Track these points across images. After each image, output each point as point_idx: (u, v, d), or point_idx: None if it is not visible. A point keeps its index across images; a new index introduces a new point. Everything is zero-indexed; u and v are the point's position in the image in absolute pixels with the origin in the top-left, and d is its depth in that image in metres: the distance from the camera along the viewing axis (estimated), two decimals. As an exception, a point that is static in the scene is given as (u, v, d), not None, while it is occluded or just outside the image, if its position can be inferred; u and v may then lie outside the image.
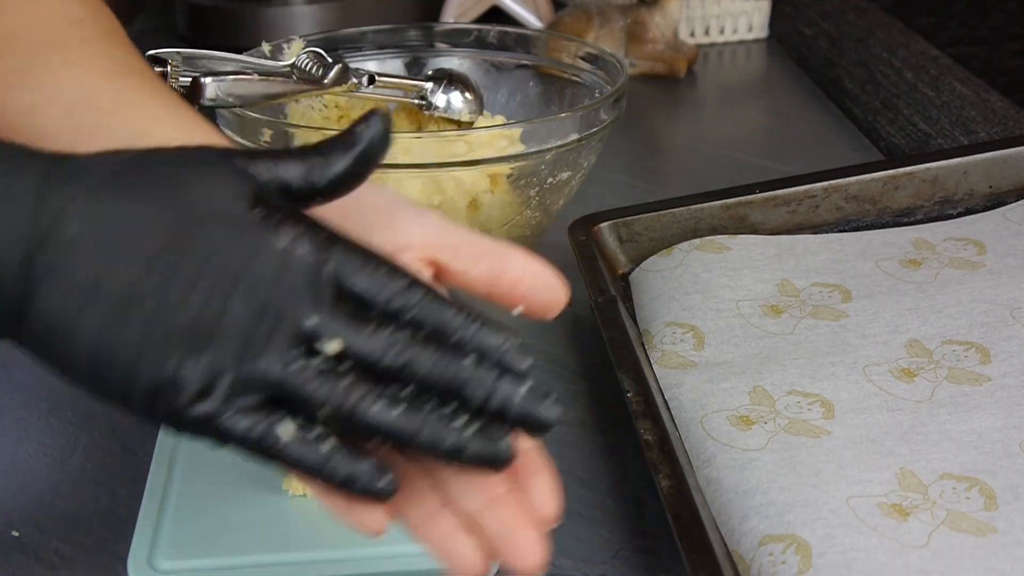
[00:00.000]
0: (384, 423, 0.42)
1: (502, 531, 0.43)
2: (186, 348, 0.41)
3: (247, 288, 0.42)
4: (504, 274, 0.48)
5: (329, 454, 0.42)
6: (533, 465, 0.45)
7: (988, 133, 0.96)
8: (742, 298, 0.70)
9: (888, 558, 0.50)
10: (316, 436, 0.42)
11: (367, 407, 0.42)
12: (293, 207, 0.44)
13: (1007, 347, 0.64)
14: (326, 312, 0.42)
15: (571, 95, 0.87)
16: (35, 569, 0.57)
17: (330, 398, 0.41)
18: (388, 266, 0.44)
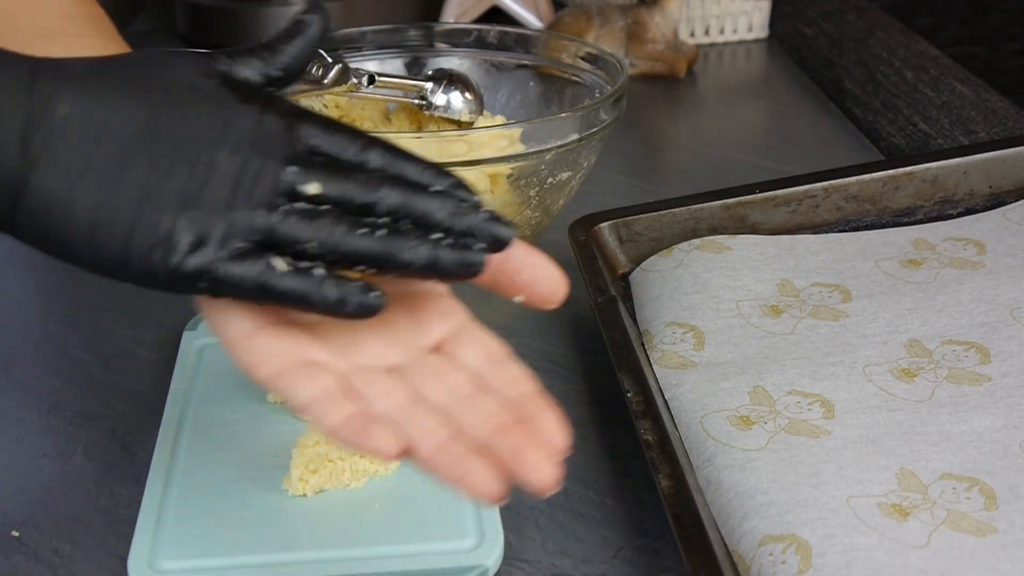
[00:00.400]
0: (367, 247, 0.45)
1: (514, 452, 0.44)
2: (179, 206, 0.45)
3: (228, 148, 0.46)
4: (505, 264, 0.49)
5: (321, 279, 0.45)
6: (536, 404, 0.47)
7: (988, 133, 0.96)
8: (742, 298, 0.70)
9: (888, 558, 0.50)
10: (307, 267, 0.45)
11: (351, 235, 0.45)
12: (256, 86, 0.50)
13: (1007, 347, 0.64)
14: (302, 163, 0.46)
15: (571, 95, 0.87)
16: (35, 569, 0.57)
17: (316, 233, 0.45)
18: (348, 129, 0.48)
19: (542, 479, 0.44)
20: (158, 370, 0.72)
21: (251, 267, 0.45)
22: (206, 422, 0.63)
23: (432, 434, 0.45)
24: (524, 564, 0.56)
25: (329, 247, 0.45)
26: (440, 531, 0.55)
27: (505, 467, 0.44)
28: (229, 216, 0.45)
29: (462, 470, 0.44)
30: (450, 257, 0.46)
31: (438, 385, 0.47)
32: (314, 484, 0.58)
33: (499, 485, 0.44)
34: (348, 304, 0.45)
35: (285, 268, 0.45)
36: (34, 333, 0.79)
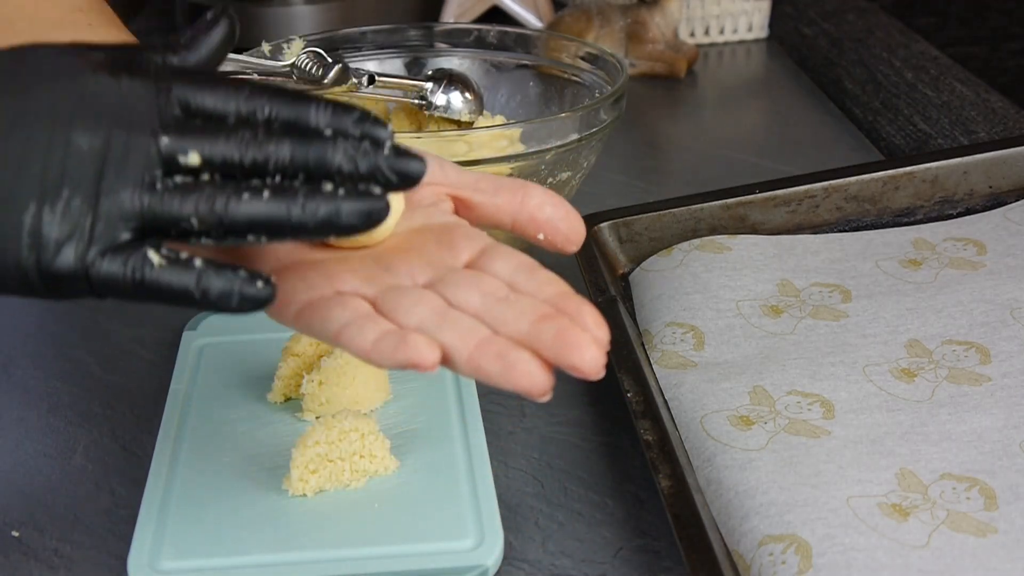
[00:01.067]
0: (253, 213, 0.42)
1: (559, 336, 0.43)
2: (38, 202, 0.41)
3: (88, 124, 0.42)
4: (526, 202, 0.49)
5: (201, 272, 0.42)
6: (574, 300, 0.45)
7: (988, 133, 0.96)
8: (742, 298, 0.70)
9: (888, 558, 0.50)
10: (186, 258, 0.42)
11: (233, 203, 0.42)
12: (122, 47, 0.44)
13: (1007, 347, 0.64)
14: (174, 130, 0.42)
15: (571, 95, 0.87)
16: (35, 569, 0.57)
17: (195, 207, 0.41)
18: (229, 81, 0.44)
19: (588, 361, 0.43)
20: (158, 370, 0.72)
21: (125, 263, 0.42)
22: (206, 422, 0.63)
23: (472, 333, 0.44)
24: (524, 564, 0.56)
25: (211, 221, 0.42)
26: (440, 531, 0.55)
27: (550, 357, 0.43)
28: (98, 202, 0.41)
29: (507, 364, 0.43)
30: (349, 208, 0.43)
31: (473, 291, 0.45)
32: (314, 484, 0.58)
33: (546, 376, 0.43)
34: (232, 297, 0.42)
35: (160, 262, 0.42)
36: (34, 333, 0.79)
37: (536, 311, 0.44)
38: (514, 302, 0.45)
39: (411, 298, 0.45)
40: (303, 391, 0.63)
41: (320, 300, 0.45)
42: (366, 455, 0.59)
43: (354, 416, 0.59)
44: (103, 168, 0.42)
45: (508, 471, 0.62)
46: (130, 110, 0.42)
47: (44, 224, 0.41)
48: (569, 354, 0.43)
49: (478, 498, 0.57)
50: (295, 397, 0.65)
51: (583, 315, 0.44)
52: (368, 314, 0.44)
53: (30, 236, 0.41)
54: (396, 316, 0.44)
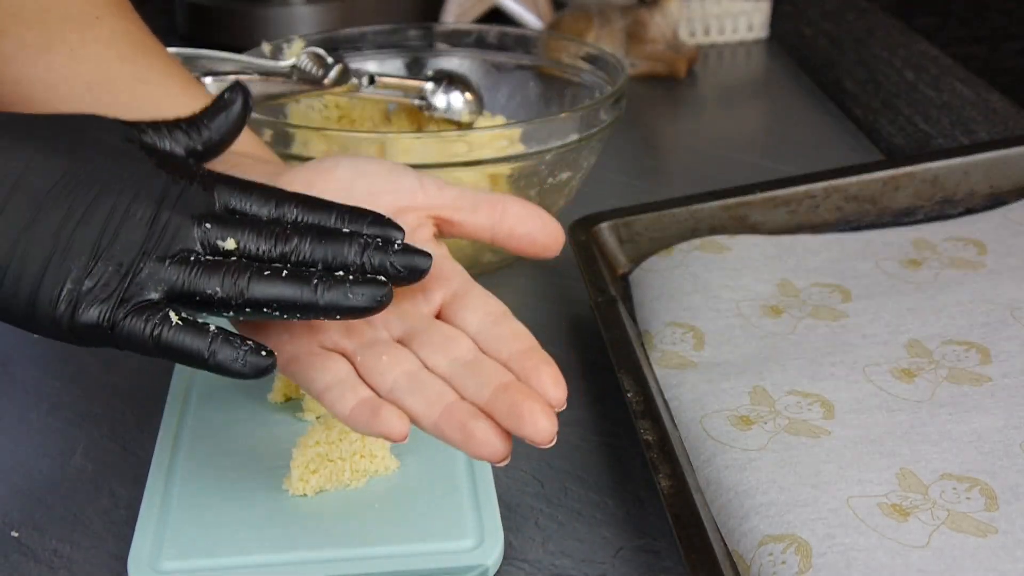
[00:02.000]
0: (271, 291, 0.47)
1: (513, 408, 0.47)
2: (89, 255, 0.46)
3: (144, 202, 0.47)
4: (504, 218, 0.52)
5: (214, 336, 0.47)
6: (537, 358, 0.49)
7: (989, 133, 0.96)
8: (742, 298, 0.70)
9: (888, 558, 0.50)
10: (203, 323, 0.47)
11: (255, 282, 0.47)
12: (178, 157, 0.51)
13: (1007, 347, 0.64)
14: (217, 220, 0.48)
15: (571, 95, 0.87)
16: (35, 569, 0.57)
17: (222, 281, 0.47)
18: (264, 188, 0.50)
19: (538, 431, 0.47)
20: (158, 370, 0.72)
21: (147, 321, 0.46)
22: (206, 422, 0.63)
23: (438, 400, 0.48)
24: (524, 564, 0.56)
25: (232, 294, 0.47)
26: (440, 531, 0.55)
27: (505, 426, 0.47)
28: (136, 268, 0.46)
29: (466, 432, 0.47)
30: (356, 292, 0.47)
31: (442, 354, 0.50)
32: (314, 484, 0.58)
33: (502, 444, 0.47)
34: (237, 363, 0.47)
35: (178, 322, 0.46)
36: (34, 333, 0.79)
37: (496, 379, 0.48)
38: (478, 369, 0.49)
39: (386, 361, 0.49)
40: (303, 391, 0.63)
41: (305, 356, 0.50)
42: (366, 455, 0.59)
43: (354, 416, 0.59)
44: (148, 240, 0.47)
45: (508, 471, 0.62)
46: (181, 199, 0.48)
47: (89, 279, 0.46)
48: (521, 426, 0.47)
49: (478, 498, 0.57)
50: (295, 397, 0.65)
51: (541, 376, 0.49)
52: (346, 378, 0.49)
53: (71, 289, 0.46)
54: (372, 377, 0.49)
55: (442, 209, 0.53)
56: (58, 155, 0.47)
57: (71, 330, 0.46)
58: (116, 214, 0.47)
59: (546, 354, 0.50)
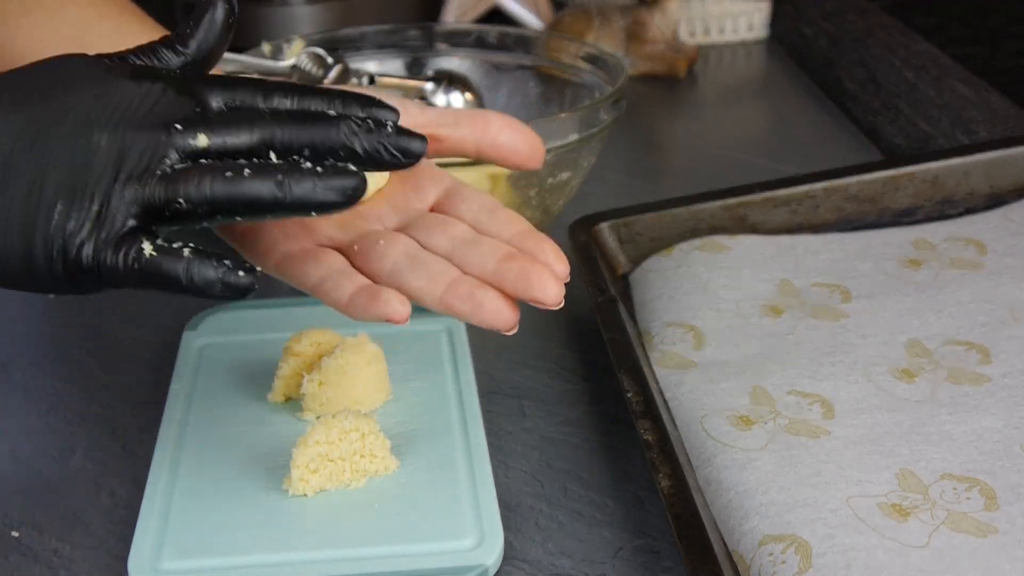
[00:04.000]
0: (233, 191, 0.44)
1: (521, 274, 0.47)
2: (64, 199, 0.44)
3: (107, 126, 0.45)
4: (487, 130, 0.52)
5: (188, 261, 0.44)
6: (537, 236, 0.49)
7: (989, 133, 0.96)
8: (742, 298, 0.70)
9: (888, 558, 0.50)
10: (177, 247, 0.44)
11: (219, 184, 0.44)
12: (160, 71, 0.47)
13: (1007, 347, 0.64)
14: (186, 121, 0.45)
15: (571, 95, 0.87)
16: (35, 569, 0.57)
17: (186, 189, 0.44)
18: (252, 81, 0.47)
19: (550, 294, 0.47)
20: (158, 370, 0.72)
21: (125, 254, 0.44)
22: (206, 422, 0.63)
23: (442, 275, 0.48)
24: (524, 564, 0.56)
25: (197, 200, 0.44)
26: (440, 531, 0.55)
27: (514, 293, 0.47)
28: (110, 197, 0.44)
29: (476, 303, 0.47)
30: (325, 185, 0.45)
31: (441, 235, 0.50)
32: (314, 484, 0.58)
33: (512, 311, 0.47)
34: (216, 287, 0.45)
35: (151, 251, 0.44)
36: (34, 333, 0.79)
37: (500, 251, 0.48)
38: (479, 244, 0.49)
39: (383, 243, 0.49)
40: (303, 391, 0.63)
41: (299, 253, 0.49)
42: (366, 455, 0.59)
43: (354, 416, 0.59)
44: (120, 163, 0.44)
45: (508, 471, 0.62)
46: (149, 110, 0.45)
47: (70, 222, 0.44)
48: (531, 289, 0.47)
49: (478, 498, 0.57)
50: (295, 397, 0.65)
51: (544, 251, 0.48)
52: (343, 269, 0.48)
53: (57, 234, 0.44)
54: (371, 259, 0.49)
55: (426, 126, 0.52)
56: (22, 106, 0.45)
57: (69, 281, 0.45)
58: (82, 147, 0.45)
59: (544, 235, 0.49)
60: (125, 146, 0.45)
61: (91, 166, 0.44)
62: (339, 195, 0.45)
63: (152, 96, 0.46)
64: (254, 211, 0.45)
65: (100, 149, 0.44)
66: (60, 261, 0.44)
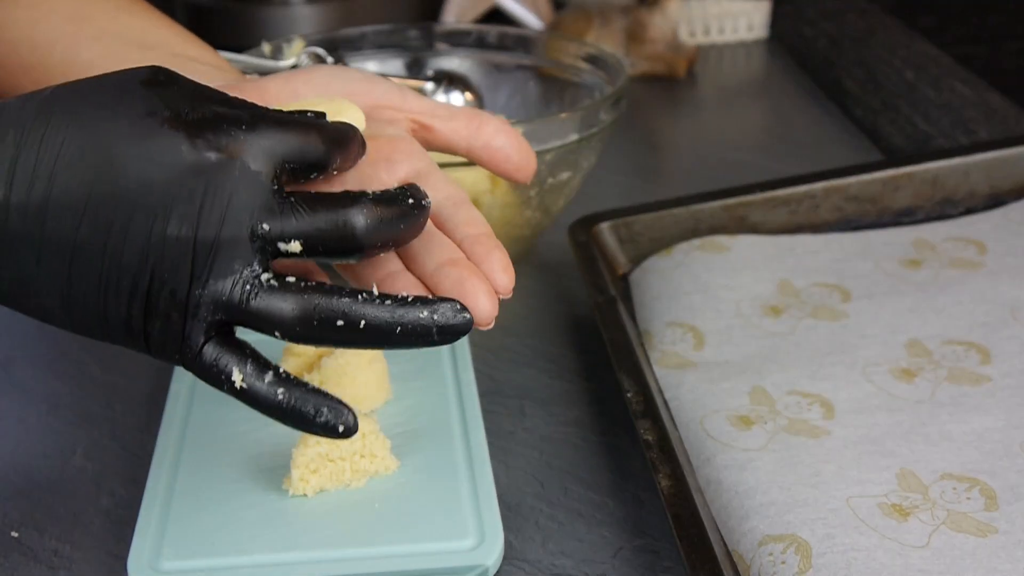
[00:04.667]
0: (345, 326, 0.44)
1: (456, 284, 0.46)
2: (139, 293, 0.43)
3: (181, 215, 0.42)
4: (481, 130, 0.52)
5: (283, 401, 0.44)
6: (490, 243, 0.48)
7: (989, 133, 0.96)
8: (742, 298, 0.70)
9: (888, 558, 0.50)
10: (269, 381, 0.44)
11: (317, 328, 0.44)
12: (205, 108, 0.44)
13: (1007, 347, 0.64)
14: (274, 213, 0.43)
15: (571, 95, 0.87)
16: (34, 569, 0.57)
17: (280, 319, 0.43)
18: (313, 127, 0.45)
19: (479, 310, 0.45)
20: (158, 370, 0.72)
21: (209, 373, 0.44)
22: (206, 422, 0.63)
23: (380, 267, 0.47)
24: (524, 564, 0.56)
25: (295, 334, 0.44)
26: (440, 531, 0.55)
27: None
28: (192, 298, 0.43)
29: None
30: (434, 320, 0.45)
31: None
32: (314, 484, 0.58)
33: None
34: (314, 428, 0.45)
35: (241, 384, 0.44)
36: (34, 333, 0.79)
37: (445, 254, 0.47)
38: (430, 240, 0.48)
39: None
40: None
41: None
42: (366, 455, 0.59)
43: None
44: (195, 262, 0.43)
45: (508, 471, 0.62)
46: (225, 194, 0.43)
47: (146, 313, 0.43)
48: (463, 301, 0.45)
49: (478, 498, 0.57)
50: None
51: (491, 259, 0.47)
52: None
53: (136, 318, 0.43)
54: None
55: (420, 114, 0.52)
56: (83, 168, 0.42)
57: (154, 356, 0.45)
58: (154, 237, 0.42)
59: (498, 242, 0.48)
60: (204, 244, 0.43)
61: (167, 262, 0.43)
62: (449, 339, 0.45)
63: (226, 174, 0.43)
64: (361, 345, 0.45)
65: (177, 244, 0.42)
66: (143, 343, 0.44)
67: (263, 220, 0.43)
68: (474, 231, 0.49)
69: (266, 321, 0.44)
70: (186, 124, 0.43)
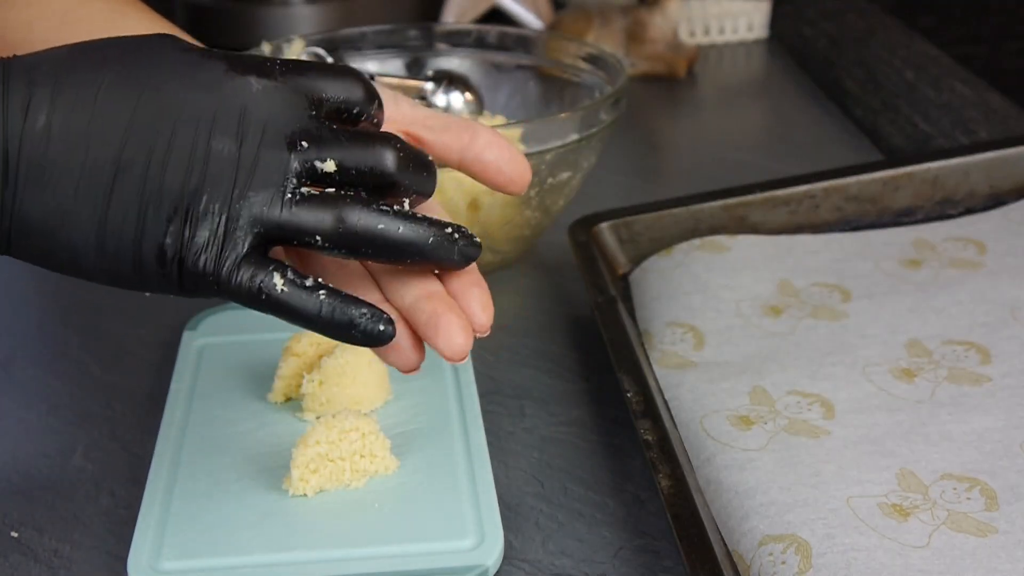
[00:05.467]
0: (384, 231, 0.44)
1: (431, 318, 0.46)
2: (181, 206, 0.43)
3: (225, 130, 0.44)
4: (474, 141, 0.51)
5: (323, 301, 0.44)
6: (470, 278, 0.48)
7: (988, 133, 0.96)
8: (742, 298, 0.70)
9: (888, 558, 0.50)
10: (310, 285, 0.44)
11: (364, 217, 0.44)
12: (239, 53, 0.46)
13: (1007, 347, 0.64)
14: (311, 137, 0.44)
15: (571, 95, 0.87)
16: (34, 569, 0.57)
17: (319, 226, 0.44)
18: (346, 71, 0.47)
19: (452, 346, 0.45)
20: (158, 370, 0.72)
21: (250, 280, 0.44)
22: (206, 422, 0.63)
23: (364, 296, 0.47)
24: (524, 564, 0.56)
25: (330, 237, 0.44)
26: (440, 531, 0.55)
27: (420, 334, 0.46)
28: (230, 209, 0.44)
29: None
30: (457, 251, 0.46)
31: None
32: (314, 484, 0.58)
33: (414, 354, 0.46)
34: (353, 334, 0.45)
35: (283, 287, 0.44)
36: (34, 333, 0.79)
37: (423, 287, 0.47)
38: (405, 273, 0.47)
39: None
40: (303, 391, 0.64)
41: None
42: (366, 455, 0.59)
43: (354, 416, 0.59)
44: (237, 174, 0.44)
45: (508, 471, 0.62)
46: (267, 117, 0.44)
47: (187, 228, 0.44)
48: (436, 337, 0.46)
49: (478, 498, 0.57)
50: (295, 397, 0.65)
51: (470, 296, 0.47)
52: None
53: (174, 244, 0.44)
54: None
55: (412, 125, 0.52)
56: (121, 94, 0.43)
57: (181, 287, 0.45)
58: (200, 152, 0.43)
59: (480, 277, 0.48)
60: (246, 157, 0.44)
61: (210, 176, 0.43)
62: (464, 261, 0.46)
63: (267, 98, 0.45)
64: (395, 255, 0.45)
65: (220, 157, 0.44)
66: (175, 271, 0.44)
67: (302, 138, 0.44)
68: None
69: (306, 230, 0.44)
70: (227, 57, 0.45)
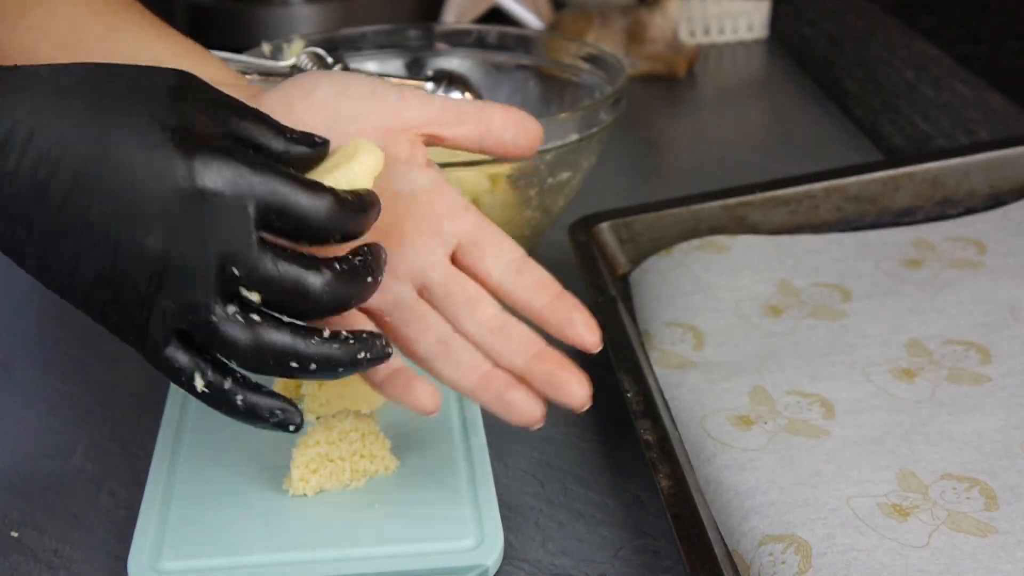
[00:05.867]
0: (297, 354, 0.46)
1: (550, 378, 0.50)
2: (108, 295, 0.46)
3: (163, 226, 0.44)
4: (490, 127, 0.53)
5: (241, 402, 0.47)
6: (568, 305, 0.52)
7: (988, 133, 0.96)
8: (742, 298, 0.70)
9: (888, 558, 0.50)
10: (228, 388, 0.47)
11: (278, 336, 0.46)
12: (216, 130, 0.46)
13: (1007, 347, 0.64)
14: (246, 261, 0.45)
15: (571, 95, 0.87)
16: (34, 569, 0.57)
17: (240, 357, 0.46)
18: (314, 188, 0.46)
19: (575, 399, 0.51)
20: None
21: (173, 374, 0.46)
22: (206, 422, 0.63)
23: (472, 369, 0.51)
24: (524, 564, 0.56)
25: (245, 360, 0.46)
26: (440, 531, 0.55)
27: (542, 393, 0.50)
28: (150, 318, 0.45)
29: (505, 403, 0.50)
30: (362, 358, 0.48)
31: (470, 318, 0.51)
32: (314, 484, 0.58)
33: (539, 408, 0.51)
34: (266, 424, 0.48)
35: (203, 389, 0.47)
36: (34, 333, 0.79)
37: (530, 348, 0.51)
38: (509, 336, 0.51)
39: (416, 326, 0.51)
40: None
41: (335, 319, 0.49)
42: (366, 455, 0.59)
43: (354, 416, 0.59)
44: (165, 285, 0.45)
45: (508, 471, 0.62)
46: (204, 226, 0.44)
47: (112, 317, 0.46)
48: (559, 395, 0.51)
49: (478, 498, 0.57)
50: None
51: (575, 323, 0.51)
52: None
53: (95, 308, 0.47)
54: (405, 339, 0.51)
55: (429, 125, 0.53)
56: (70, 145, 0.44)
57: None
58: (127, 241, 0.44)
59: (575, 299, 0.52)
60: (171, 265, 0.44)
61: (132, 272, 0.45)
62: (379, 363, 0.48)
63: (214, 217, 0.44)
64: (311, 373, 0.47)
65: (145, 254, 0.44)
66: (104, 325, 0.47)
67: (233, 263, 0.44)
68: (548, 295, 0.52)
69: (222, 349, 0.46)
70: (196, 146, 0.44)
